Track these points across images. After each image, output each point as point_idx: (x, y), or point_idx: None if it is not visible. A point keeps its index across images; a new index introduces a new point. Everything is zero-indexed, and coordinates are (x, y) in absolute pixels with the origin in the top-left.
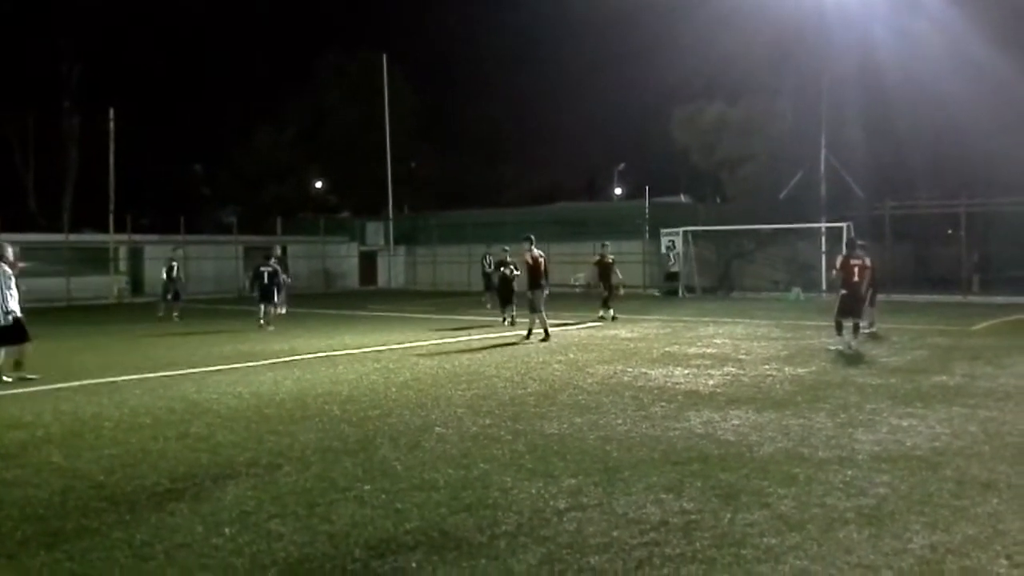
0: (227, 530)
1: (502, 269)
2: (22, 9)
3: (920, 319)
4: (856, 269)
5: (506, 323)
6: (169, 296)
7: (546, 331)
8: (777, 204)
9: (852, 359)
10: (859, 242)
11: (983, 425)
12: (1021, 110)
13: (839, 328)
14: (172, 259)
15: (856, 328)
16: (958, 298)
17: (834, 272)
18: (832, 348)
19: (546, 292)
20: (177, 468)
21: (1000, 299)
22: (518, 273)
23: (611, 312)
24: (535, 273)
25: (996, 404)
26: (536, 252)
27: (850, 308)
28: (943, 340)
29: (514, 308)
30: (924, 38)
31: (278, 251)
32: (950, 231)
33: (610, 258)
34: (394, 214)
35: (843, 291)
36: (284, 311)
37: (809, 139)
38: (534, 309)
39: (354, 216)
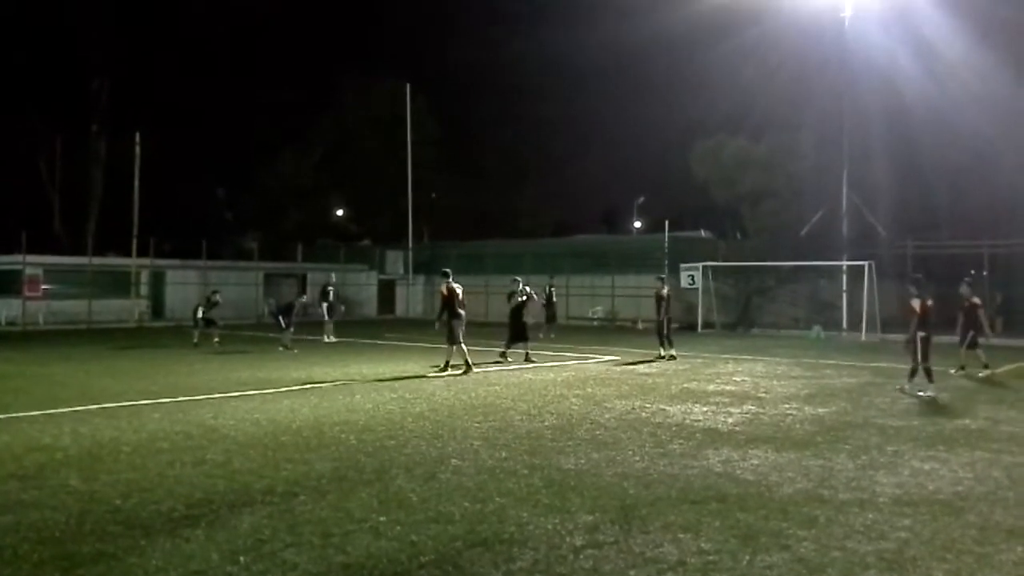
0: (242, 558)
1: (517, 299)
2: (52, 33)
3: (942, 360)
4: (931, 310)
5: (523, 359)
6: (202, 323)
7: (467, 364)
8: (798, 241)
9: (873, 401)
10: (966, 279)
11: (1007, 470)
12: None
13: (930, 375)
14: (216, 291)
15: (915, 371)
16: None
17: (911, 314)
18: (923, 395)
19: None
20: (193, 494)
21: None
22: (523, 300)
23: (671, 351)
24: (451, 303)
25: (1020, 449)
26: (452, 284)
27: (929, 351)
28: (966, 382)
29: (528, 344)
30: (949, 74)
31: (332, 278)
32: (972, 272)
33: (664, 291)
34: (413, 243)
35: (922, 334)
36: (333, 339)
37: (831, 176)
38: (453, 340)
39: (374, 244)
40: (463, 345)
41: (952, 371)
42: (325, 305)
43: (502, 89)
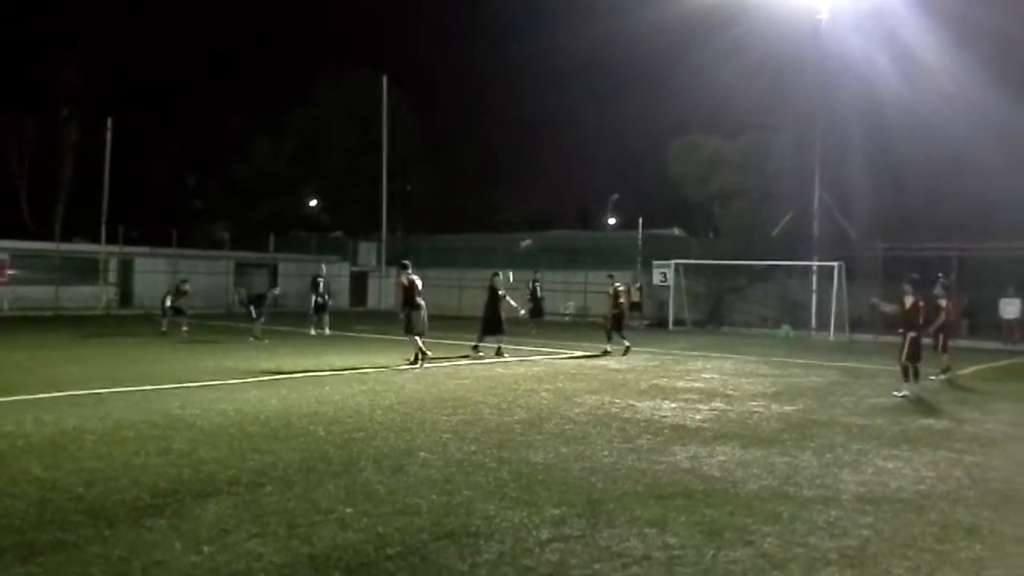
0: (206, 548)
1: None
2: (25, 18)
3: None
4: (923, 311)
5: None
6: (170, 312)
7: (420, 353)
8: (769, 241)
9: (839, 400)
10: (940, 280)
11: (968, 470)
12: (1018, 155)
13: (907, 374)
14: (185, 280)
15: (917, 373)
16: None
17: (890, 310)
18: (899, 395)
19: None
20: (158, 483)
21: (989, 344)
22: (502, 293)
23: (608, 346)
24: (411, 295)
25: (982, 449)
26: (412, 276)
27: (919, 352)
28: (931, 383)
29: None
30: (924, 77)
31: (323, 269)
32: (940, 274)
33: (611, 288)
34: (387, 235)
35: (912, 334)
36: (327, 332)
37: (805, 177)
38: (409, 331)
39: (347, 236)
40: (417, 338)
41: (932, 376)
42: (314, 298)
43: (480, 84)
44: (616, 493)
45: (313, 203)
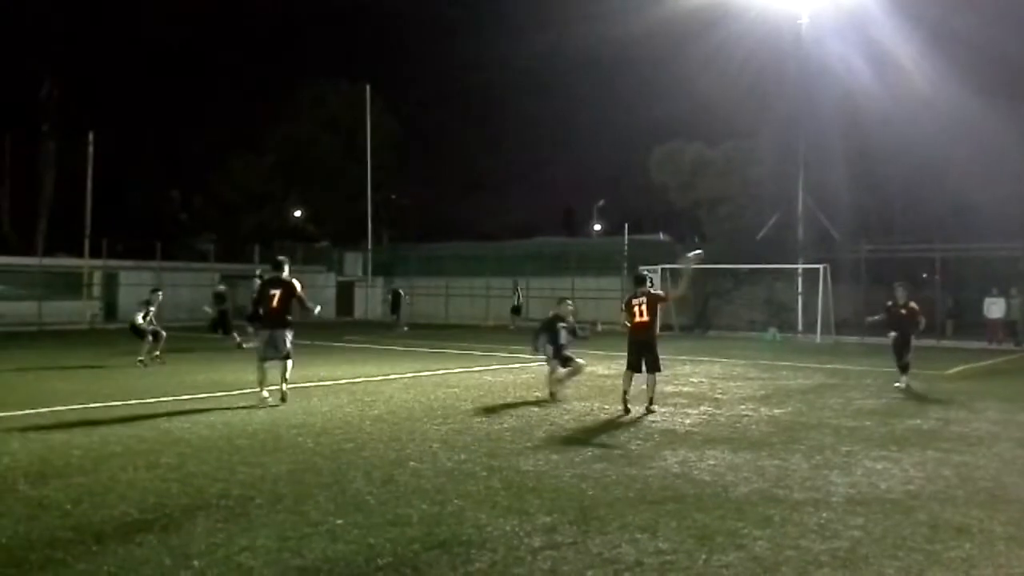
0: (196, 563)
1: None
2: (2, 33)
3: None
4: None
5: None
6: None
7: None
8: (755, 244)
9: (827, 402)
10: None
11: (956, 469)
12: (994, 157)
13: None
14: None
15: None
16: (932, 342)
17: (876, 317)
18: (899, 386)
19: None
20: (146, 498)
21: (973, 344)
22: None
23: None
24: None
25: (969, 448)
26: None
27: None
28: (917, 384)
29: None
30: (903, 82)
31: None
32: (924, 275)
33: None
34: (373, 245)
35: (893, 334)
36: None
37: (788, 181)
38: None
39: (333, 246)
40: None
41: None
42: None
43: (461, 92)
44: (607, 499)
45: (298, 214)
